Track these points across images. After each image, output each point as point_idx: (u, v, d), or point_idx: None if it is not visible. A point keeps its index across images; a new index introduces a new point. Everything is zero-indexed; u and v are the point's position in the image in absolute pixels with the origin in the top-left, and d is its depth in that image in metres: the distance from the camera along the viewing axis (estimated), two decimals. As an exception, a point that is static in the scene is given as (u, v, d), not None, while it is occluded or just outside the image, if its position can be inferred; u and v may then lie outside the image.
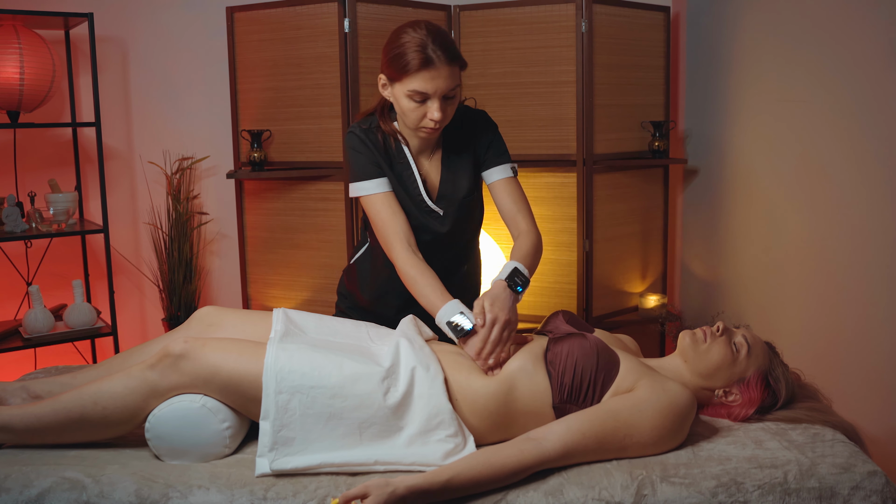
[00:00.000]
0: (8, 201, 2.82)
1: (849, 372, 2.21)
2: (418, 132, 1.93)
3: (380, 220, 1.92)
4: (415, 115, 1.88)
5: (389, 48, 1.87)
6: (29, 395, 1.80)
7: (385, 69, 1.89)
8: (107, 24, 3.16)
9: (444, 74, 1.83)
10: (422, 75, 1.82)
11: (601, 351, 1.67)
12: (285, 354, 1.61)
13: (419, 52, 1.82)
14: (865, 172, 2.14)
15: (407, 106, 1.87)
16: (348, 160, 2.00)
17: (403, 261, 1.88)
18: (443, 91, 1.84)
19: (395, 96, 1.89)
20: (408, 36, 1.85)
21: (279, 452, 1.54)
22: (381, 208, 1.93)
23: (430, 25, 1.86)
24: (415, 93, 1.84)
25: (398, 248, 1.89)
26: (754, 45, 2.77)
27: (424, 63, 1.81)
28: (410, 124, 1.91)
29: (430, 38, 1.84)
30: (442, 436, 1.58)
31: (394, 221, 1.91)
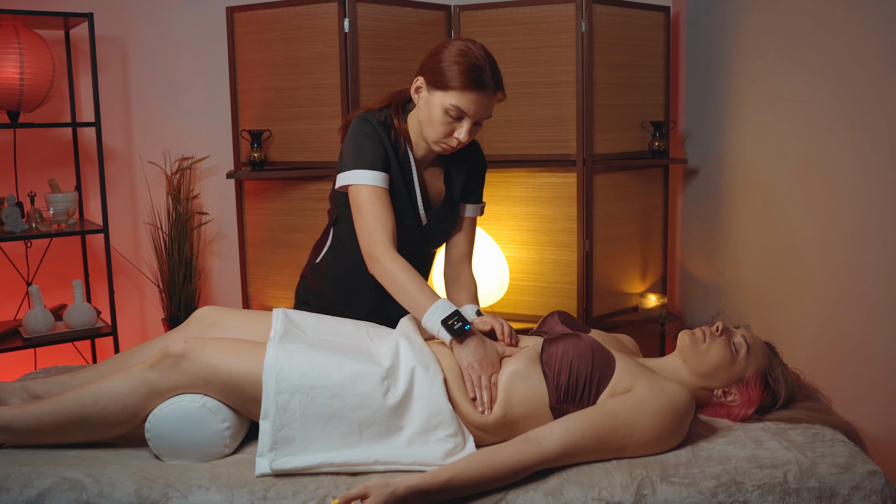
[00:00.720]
0: (8, 201, 2.82)
1: (849, 372, 2.21)
2: (436, 145, 1.91)
3: (372, 212, 1.85)
4: (443, 130, 1.86)
5: (442, 56, 1.84)
6: (29, 395, 1.80)
7: (429, 74, 1.85)
8: (107, 24, 3.16)
9: (487, 101, 1.85)
10: (469, 95, 1.81)
11: (596, 351, 1.68)
12: (285, 354, 1.61)
13: (475, 71, 1.81)
14: (866, 172, 2.14)
15: (439, 118, 1.85)
16: (351, 145, 1.92)
17: (389, 257, 1.82)
18: (479, 116, 1.86)
19: (430, 103, 1.86)
20: (468, 51, 1.83)
21: (279, 452, 1.54)
22: (375, 201, 1.86)
23: (486, 49, 1.87)
24: (454, 108, 1.82)
25: (385, 244, 1.83)
26: (754, 45, 2.77)
27: (477, 84, 1.81)
28: (433, 135, 1.89)
29: (488, 62, 1.84)
30: (442, 435, 1.58)
31: (386, 218, 1.86)
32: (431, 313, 1.74)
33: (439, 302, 1.75)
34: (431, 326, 1.74)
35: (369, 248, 1.84)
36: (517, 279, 3.20)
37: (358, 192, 1.88)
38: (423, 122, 1.90)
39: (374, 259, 1.83)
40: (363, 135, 1.92)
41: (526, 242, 3.18)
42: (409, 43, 3.00)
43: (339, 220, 2.04)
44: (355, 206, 1.88)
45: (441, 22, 3.08)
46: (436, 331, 1.74)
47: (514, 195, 3.17)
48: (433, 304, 1.75)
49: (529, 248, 3.17)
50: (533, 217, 3.15)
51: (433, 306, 1.74)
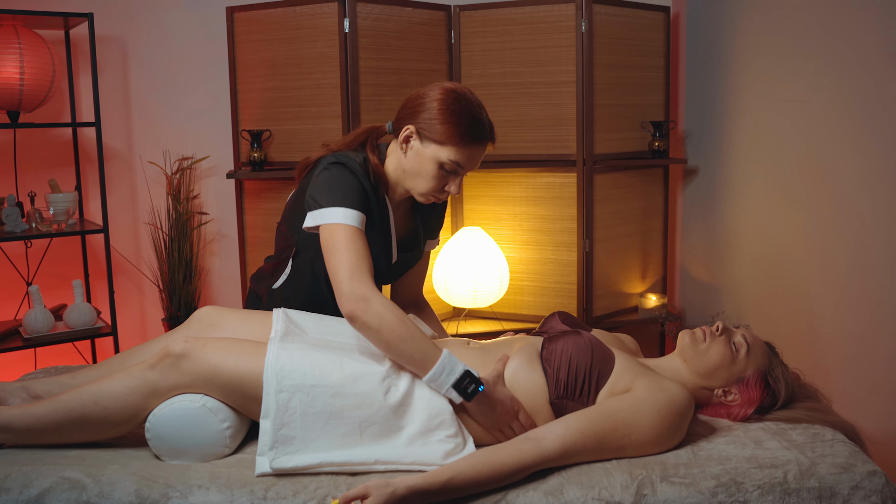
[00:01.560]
0: (8, 201, 2.82)
1: (849, 372, 2.21)
2: (422, 197, 1.84)
3: (354, 251, 1.68)
4: (435, 184, 1.80)
5: (437, 107, 1.76)
6: (28, 395, 1.80)
7: (423, 125, 1.77)
8: (107, 24, 3.16)
9: (482, 153, 1.81)
10: (469, 150, 1.77)
11: (595, 347, 1.68)
12: (286, 353, 1.61)
13: (477, 126, 1.77)
14: (866, 172, 2.14)
15: (432, 171, 1.79)
16: (328, 184, 1.78)
17: (381, 301, 1.62)
18: (474, 168, 1.82)
19: (422, 156, 1.78)
20: (465, 101, 1.77)
21: (279, 451, 1.54)
22: (356, 240, 1.70)
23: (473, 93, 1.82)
24: (452, 163, 1.77)
25: (373, 285, 1.65)
26: (754, 44, 2.77)
27: (479, 139, 1.77)
28: (421, 188, 1.82)
29: (483, 111, 1.80)
30: (442, 436, 1.58)
31: (369, 259, 1.71)
32: (438, 372, 1.59)
33: (444, 357, 1.59)
34: (438, 386, 1.59)
35: (356, 288, 1.63)
36: (517, 279, 3.20)
37: (337, 230, 1.71)
38: (411, 173, 1.82)
39: (364, 299, 1.61)
40: (344, 175, 1.80)
41: (526, 242, 3.18)
42: (409, 43, 3.00)
43: (298, 253, 1.95)
44: (332, 244, 1.70)
45: (441, 22, 3.08)
46: (443, 391, 1.60)
47: (514, 195, 3.17)
48: (439, 361, 1.59)
49: (529, 248, 3.17)
50: (533, 217, 3.15)
51: (439, 363, 1.59)
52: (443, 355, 1.60)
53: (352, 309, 1.62)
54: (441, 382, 1.59)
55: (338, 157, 1.83)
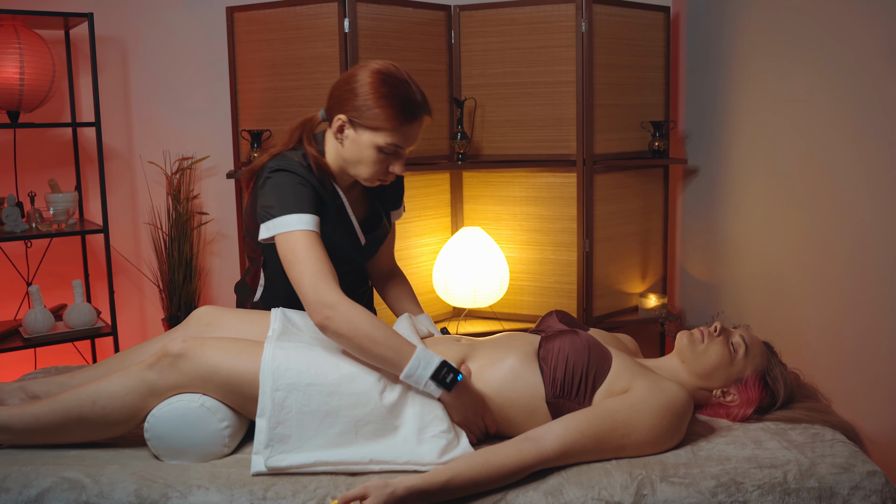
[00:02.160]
0: (8, 201, 2.82)
1: (849, 372, 2.21)
2: (368, 182, 1.83)
3: (314, 256, 1.65)
4: (377, 168, 1.78)
5: (365, 91, 1.72)
6: (27, 395, 1.80)
7: (352, 113, 1.74)
8: (107, 24, 3.16)
9: (420, 128, 1.78)
10: (404, 130, 1.74)
11: (592, 347, 1.68)
12: (282, 352, 1.61)
13: (408, 104, 1.73)
14: (866, 172, 2.14)
15: (372, 157, 1.76)
16: (275, 192, 1.75)
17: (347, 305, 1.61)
18: (414, 144, 1.78)
19: (359, 143, 1.76)
20: (392, 79, 1.73)
21: (275, 450, 1.54)
22: (314, 246, 1.67)
23: (400, 68, 1.76)
24: (391, 146, 1.74)
25: (337, 291, 1.63)
26: (754, 44, 2.77)
27: (411, 118, 1.73)
28: (365, 174, 1.79)
29: (414, 87, 1.74)
30: (436, 431, 1.58)
31: (328, 262, 1.67)
32: (414, 367, 1.58)
33: (419, 352, 1.59)
34: (416, 381, 1.58)
35: (321, 296, 1.61)
36: (517, 279, 3.20)
37: (292, 239, 1.68)
38: (351, 161, 1.79)
39: (331, 306, 1.60)
40: (289, 181, 1.76)
41: (526, 242, 3.18)
42: (409, 43, 3.00)
43: (267, 263, 1.95)
44: (291, 255, 1.67)
45: (441, 22, 3.08)
46: (421, 385, 1.59)
47: (514, 195, 3.17)
48: (414, 355, 1.58)
49: (529, 248, 3.17)
50: (533, 217, 3.15)
51: (414, 357, 1.58)
52: (417, 350, 1.60)
53: (321, 319, 1.61)
54: (419, 377, 1.58)
55: (278, 163, 1.79)
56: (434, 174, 3.18)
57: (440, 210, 3.22)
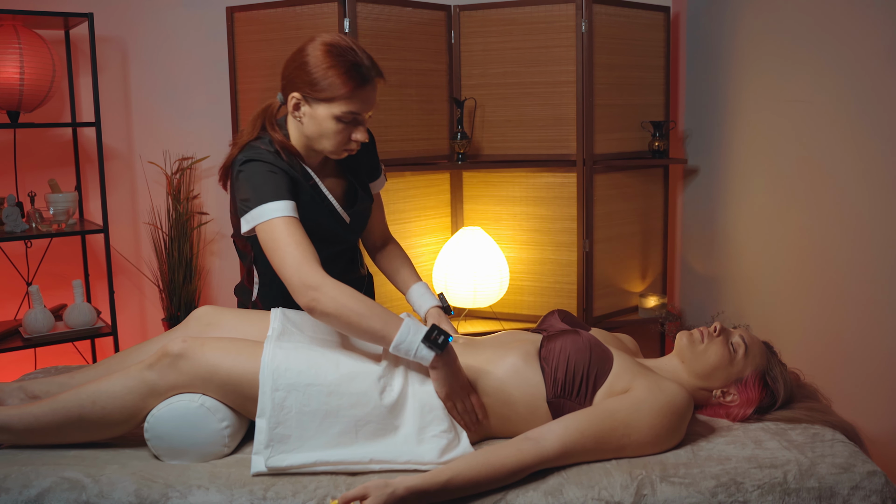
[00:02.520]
0: (8, 201, 2.82)
1: (849, 372, 2.21)
2: (335, 154, 1.82)
3: (294, 242, 1.66)
4: (340, 138, 1.78)
5: (312, 65, 1.73)
6: (27, 395, 1.80)
7: (305, 88, 1.74)
8: (107, 24, 3.16)
9: (374, 92, 1.78)
10: (358, 95, 1.74)
11: (594, 347, 1.68)
12: (282, 352, 1.61)
13: (356, 69, 1.72)
14: (866, 172, 2.14)
15: (332, 128, 1.76)
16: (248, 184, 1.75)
17: (332, 284, 1.62)
18: (371, 109, 1.78)
19: (317, 117, 1.76)
20: (337, 49, 1.73)
21: (275, 450, 1.54)
22: (294, 231, 1.68)
23: (346, 37, 1.77)
24: (348, 114, 1.74)
25: (321, 271, 1.64)
26: (754, 44, 2.77)
27: (363, 81, 1.73)
28: (330, 146, 1.79)
29: (360, 51, 1.75)
30: (436, 431, 1.58)
31: (310, 245, 1.68)
32: (404, 334, 1.59)
33: (407, 321, 1.61)
34: (407, 348, 1.59)
35: (304, 278, 1.62)
36: (517, 279, 3.20)
37: (271, 227, 1.69)
38: (313, 136, 1.79)
39: (315, 288, 1.61)
40: (260, 170, 1.76)
41: (526, 242, 3.18)
42: (409, 43, 3.00)
43: (257, 259, 1.96)
44: (271, 242, 1.68)
45: (441, 22, 3.08)
46: (412, 353, 1.59)
47: (514, 195, 3.17)
48: (403, 325, 1.60)
49: (529, 248, 3.17)
50: (533, 217, 3.15)
51: (404, 325, 1.60)
52: (406, 319, 1.61)
53: (307, 301, 1.62)
54: (410, 342, 1.58)
55: (246, 154, 1.80)
56: (434, 174, 3.18)
57: (440, 210, 3.22)
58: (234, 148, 1.85)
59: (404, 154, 3.03)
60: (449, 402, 1.62)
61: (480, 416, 1.65)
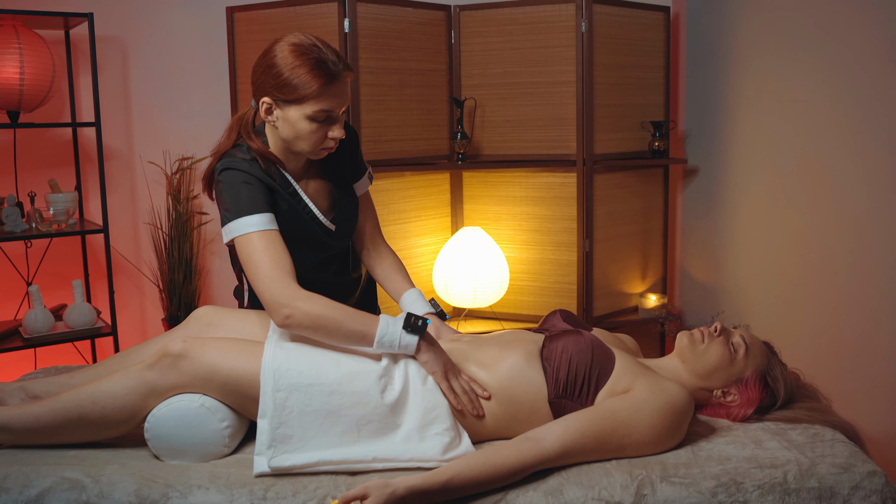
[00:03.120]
0: (8, 201, 2.82)
1: (849, 372, 2.21)
2: (314, 154, 1.80)
3: (267, 258, 1.66)
4: (316, 137, 1.75)
5: (279, 67, 1.70)
6: (27, 395, 1.80)
7: (274, 92, 1.71)
8: (107, 24, 3.16)
9: (345, 88, 1.74)
10: (328, 93, 1.70)
11: (596, 347, 1.68)
12: (283, 353, 1.61)
13: (322, 66, 1.69)
14: (866, 172, 2.14)
15: (306, 129, 1.72)
16: (225, 196, 1.74)
17: (304, 298, 1.63)
18: (344, 106, 1.75)
19: (290, 119, 1.73)
20: (302, 48, 1.70)
21: (277, 450, 1.54)
22: (267, 245, 1.68)
23: (310, 35, 1.74)
24: (320, 112, 1.71)
25: (294, 286, 1.65)
26: (754, 44, 2.77)
27: (330, 78, 1.70)
28: (307, 147, 1.76)
29: (325, 49, 1.71)
30: (439, 429, 1.58)
31: (284, 259, 1.68)
32: (384, 329, 1.63)
33: (383, 316, 1.65)
34: (390, 340, 1.62)
35: (277, 296, 1.63)
36: (517, 279, 3.20)
37: (247, 241, 1.69)
38: (290, 139, 1.76)
39: (287, 305, 1.62)
40: (236, 184, 1.74)
41: (526, 242, 3.18)
42: (409, 43, 3.00)
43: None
44: (246, 256, 1.68)
45: (441, 22, 3.08)
46: (396, 344, 1.62)
47: (514, 195, 3.17)
48: (381, 321, 1.63)
49: (529, 248, 3.17)
50: (533, 217, 3.15)
51: (382, 321, 1.63)
52: (381, 315, 1.66)
53: (280, 319, 1.63)
54: (392, 333, 1.62)
55: (224, 163, 1.78)
56: (434, 174, 3.18)
57: (440, 210, 3.22)
58: (213, 157, 1.83)
59: (404, 154, 3.03)
60: (445, 382, 1.63)
61: (480, 392, 1.66)
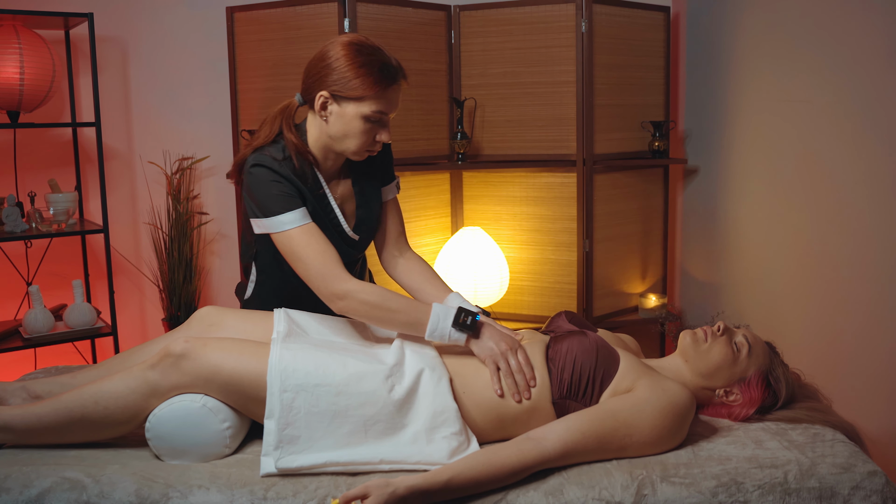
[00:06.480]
0: (8, 201, 2.82)
1: (849, 372, 2.21)
2: (356, 155, 1.83)
3: (312, 251, 1.73)
4: (365, 138, 1.79)
5: (341, 64, 1.74)
6: (29, 395, 1.80)
7: (334, 87, 1.75)
8: (107, 24, 3.16)
9: (399, 93, 1.80)
10: (386, 96, 1.76)
11: (601, 348, 1.68)
12: (289, 354, 1.61)
13: (386, 69, 1.75)
14: (866, 172, 2.14)
15: (359, 128, 1.77)
16: (256, 191, 1.78)
17: (359, 289, 1.70)
18: (395, 110, 1.80)
19: (344, 116, 1.77)
20: (365, 48, 1.75)
21: (284, 451, 1.54)
22: (310, 240, 1.74)
23: (369, 37, 1.80)
24: (376, 113, 1.76)
25: (345, 276, 1.71)
26: (754, 44, 2.77)
27: (391, 80, 1.76)
28: (353, 146, 1.80)
29: (387, 53, 1.77)
30: (447, 433, 1.58)
31: (330, 250, 1.73)
32: (435, 322, 1.69)
33: (436, 309, 1.71)
34: (440, 334, 1.69)
35: (331, 287, 1.71)
36: (517, 279, 3.20)
37: (286, 238, 1.75)
38: (337, 136, 1.80)
39: (342, 296, 1.70)
40: (265, 182, 1.77)
41: (526, 242, 3.18)
42: (409, 43, 3.00)
43: (258, 256, 1.96)
44: (290, 252, 1.75)
45: (441, 22, 3.08)
46: (446, 337, 1.69)
47: (514, 195, 3.17)
48: (433, 314, 1.70)
49: (529, 248, 3.17)
50: (533, 217, 3.15)
51: (433, 315, 1.70)
52: (434, 307, 1.70)
53: (339, 308, 1.73)
54: (442, 328, 1.69)
55: (256, 158, 1.80)
56: (434, 174, 3.18)
57: (440, 210, 3.22)
58: (248, 148, 1.85)
59: (404, 154, 3.03)
60: (492, 365, 1.67)
61: (528, 375, 1.66)
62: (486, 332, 1.72)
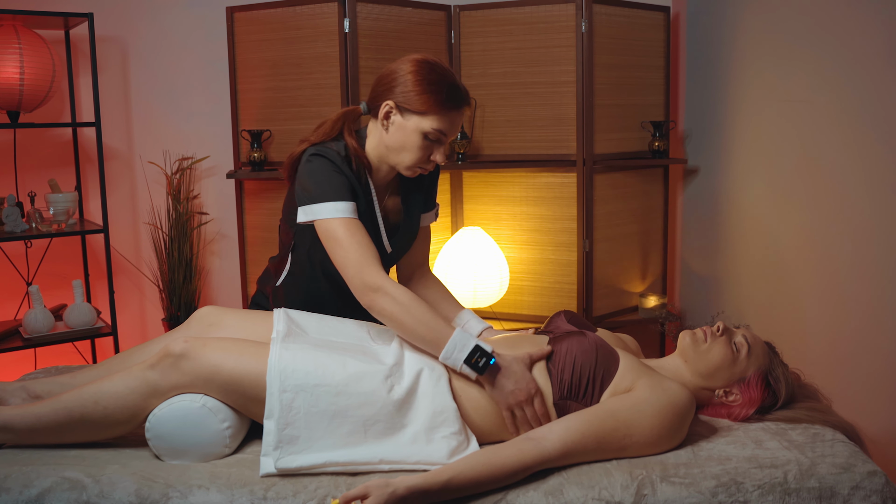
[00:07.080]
0: (8, 201, 2.82)
1: (849, 372, 2.21)
2: (409, 170, 1.85)
3: (355, 241, 1.73)
4: (420, 155, 1.81)
5: (412, 78, 1.77)
6: (29, 395, 1.80)
7: (401, 98, 1.78)
8: (107, 24, 3.16)
9: (462, 118, 1.83)
10: (450, 115, 1.79)
11: (600, 348, 1.68)
12: (289, 353, 1.61)
13: (454, 91, 1.78)
14: (866, 172, 2.14)
15: (416, 143, 1.79)
16: (312, 178, 1.80)
17: (393, 286, 1.70)
18: (456, 134, 1.83)
19: (405, 129, 1.79)
20: (438, 69, 1.79)
21: (284, 451, 1.54)
22: (355, 231, 1.75)
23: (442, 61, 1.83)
24: (436, 131, 1.78)
25: (382, 272, 1.72)
26: (754, 44, 2.77)
27: (458, 103, 1.79)
28: (407, 161, 1.82)
29: (456, 78, 1.81)
30: (446, 433, 1.58)
31: (372, 246, 1.75)
32: (451, 349, 1.64)
33: (456, 335, 1.65)
34: (453, 363, 1.65)
35: (366, 279, 1.70)
36: (517, 279, 3.20)
37: (332, 225, 1.76)
38: (395, 148, 1.82)
39: (375, 289, 1.69)
40: (325, 168, 1.81)
41: (526, 242, 3.18)
42: (409, 43, 3.00)
43: (296, 246, 1.97)
44: (333, 241, 1.75)
45: (441, 22, 3.08)
46: (457, 368, 1.65)
47: (514, 195, 3.17)
48: (451, 339, 1.65)
49: (529, 248, 3.17)
50: (533, 217, 3.15)
51: (451, 342, 1.64)
52: (454, 333, 1.65)
53: (368, 301, 1.71)
54: (454, 359, 1.64)
55: (318, 149, 1.83)
56: (434, 174, 3.18)
57: (440, 210, 3.22)
58: (306, 143, 1.88)
59: (404, 154, 3.03)
60: (507, 412, 1.64)
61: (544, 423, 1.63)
62: (502, 376, 1.64)
